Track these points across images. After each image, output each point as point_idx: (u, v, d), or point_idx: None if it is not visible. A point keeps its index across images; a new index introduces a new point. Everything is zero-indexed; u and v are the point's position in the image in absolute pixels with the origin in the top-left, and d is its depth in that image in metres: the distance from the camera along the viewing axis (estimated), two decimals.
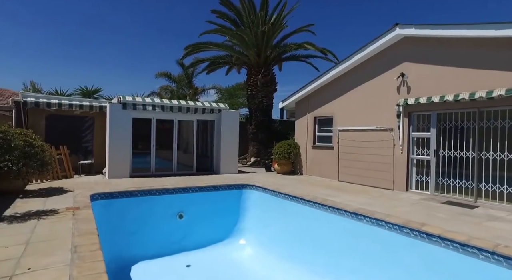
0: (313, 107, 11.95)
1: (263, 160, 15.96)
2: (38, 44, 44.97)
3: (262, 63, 16.04)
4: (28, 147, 7.17)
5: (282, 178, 11.37)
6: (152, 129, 11.10)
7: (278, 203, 8.76)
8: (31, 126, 10.45)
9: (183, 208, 9.02)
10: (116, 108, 10.19)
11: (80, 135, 11.34)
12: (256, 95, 16.19)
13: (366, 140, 9.58)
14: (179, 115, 11.49)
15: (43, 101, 10.34)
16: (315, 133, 12.02)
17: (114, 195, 8.09)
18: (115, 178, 10.08)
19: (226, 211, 9.53)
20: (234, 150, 12.44)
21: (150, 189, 8.60)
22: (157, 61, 51.48)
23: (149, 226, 8.33)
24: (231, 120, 12.32)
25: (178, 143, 11.70)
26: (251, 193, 9.91)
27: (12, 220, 5.16)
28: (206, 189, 9.49)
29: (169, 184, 9.33)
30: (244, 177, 11.23)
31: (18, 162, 6.87)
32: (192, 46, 15.60)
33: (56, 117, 10.90)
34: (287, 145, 12.45)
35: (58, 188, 8.26)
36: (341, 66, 10.18)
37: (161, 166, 11.50)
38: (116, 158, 10.18)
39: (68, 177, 10.04)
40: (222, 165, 12.08)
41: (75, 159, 10.83)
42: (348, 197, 7.68)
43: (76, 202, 6.59)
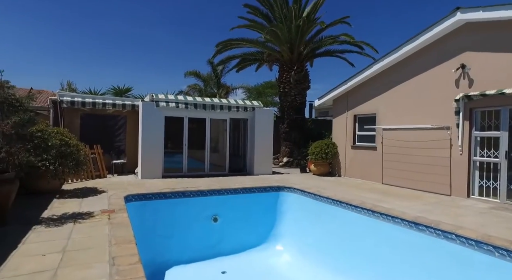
0: (353, 105, 11.18)
1: (296, 160, 15.32)
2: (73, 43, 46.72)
3: (295, 59, 15.40)
4: (64, 146, 7.00)
5: (320, 179, 10.70)
6: (184, 128, 10.79)
7: (320, 207, 8.15)
8: (67, 125, 10.45)
9: (217, 210, 8.66)
10: (149, 106, 9.95)
11: (113, 134, 11.26)
12: (289, 93, 15.57)
13: (417, 140, 8.71)
14: (211, 114, 11.12)
15: (78, 100, 10.30)
16: (355, 132, 11.24)
17: (148, 197, 7.82)
18: (148, 178, 9.85)
19: (262, 215, 9.09)
20: (268, 150, 11.91)
21: (184, 190, 8.26)
22: (185, 61, 52.05)
23: (183, 229, 8.04)
24: (265, 119, 11.80)
25: (211, 142, 11.33)
26: (288, 196, 9.38)
27: (49, 223, 4.92)
28: (242, 191, 9.06)
29: (203, 185, 8.97)
30: (279, 179, 10.69)
31: (55, 162, 6.70)
32: (223, 43, 15.23)
33: (90, 116, 10.86)
34: (324, 145, 11.76)
35: (92, 188, 8.09)
36: (386, 59, 9.35)
37: (193, 166, 11.18)
38: (149, 158, 9.95)
39: (101, 177, 9.93)
40: (256, 166, 11.59)
41: (108, 159, 10.73)
42: (400, 203, 6.92)
43: (111, 204, 6.32)
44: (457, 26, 7.62)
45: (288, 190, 9.40)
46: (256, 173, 11.53)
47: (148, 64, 50.42)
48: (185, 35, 49.14)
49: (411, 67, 8.95)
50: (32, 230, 4.57)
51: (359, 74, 10.54)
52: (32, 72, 44.18)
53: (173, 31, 49.37)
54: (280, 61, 15.94)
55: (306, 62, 16.03)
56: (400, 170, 9.19)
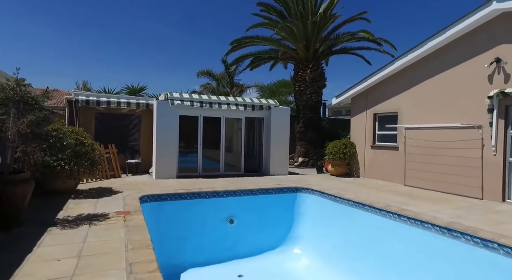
0: (373, 103, 10.76)
1: (311, 161, 14.97)
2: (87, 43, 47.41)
3: (310, 57, 15.03)
4: (79, 145, 6.87)
5: (339, 180, 10.34)
6: (199, 127, 10.59)
7: (340, 209, 7.81)
8: (82, 124, 10.38)
9: (233, 212, 8.43)
10: (163, 105, 9.79)
11: (127, 133, 11.16)
12: (304, 91, 15.22)
13: (444, 140, 8.26)
14: (226, 112, 10.88)
15: (93, 99, 10.22)
16: (374, 132, 10.82)
17: (163, 198, 7.64)
18: (162, 178, 9.68)
19: (279, 217, 8.83)
20: (284, 149, 11.60)
21: (199, 191, 8.06)
22: (198, 61, 52.24)
23: (199, 231, 7.85)
24: (282, 118, 11.49)
25: (225, 142, 11.10)
26: (306, 197, 9.07)
27: (64, 225, 4.76)
28: (258, 192, 8.81)
29: (218, 186, 8.74)
30: (296, 179, 10.38)
31: (70, 161, 6.58)
32: (237, 40, 14.98)
33: (104, 115, 10.78)
34: (342, 145, 11.37)
35: (107, 188, 7.96)
36: (410, 54, 8.90)
37: (208, 166, 10.97)
38: (163, 158, 9.78)
39: (116, 177, 9.82)
40: (272, 166, 11.30)
41: (122, 158, 10.63)
42: (429, 207, 6.52)
43: (126, 205, 6.14)
44: (492, 17, 7.11)
45: (306, 191, 9.10)
46: (272, 174, 11.25)
47: (161, 65, 50.79)
48: (197, 35, 49.28)
49: (437, 63, 8.49)
50: (48, 232, 4.41)
51: (380, 71, 10.12)
52: (47, 72, 45.06)
53: (186, 31, 49.57)
54: (295, 59, 15.60)
55: (322, 59, 15.63)
56: (425, 171, 8.75)
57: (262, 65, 18.04)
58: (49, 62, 47.65)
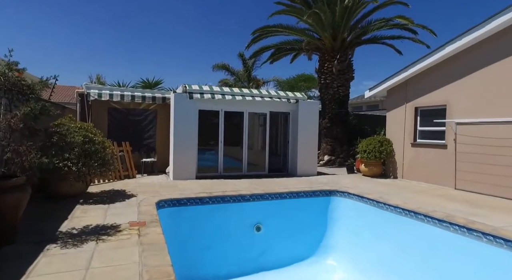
0: (414, 95, 9.54)
1: (338, 159, 13.86)
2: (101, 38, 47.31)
3: (337, 47, 13.84)
4: (88, 143, 6.03)
5: (375, 182, 9.21)
6: (220, 123, 9.64)
7: (385, 217, 6.77)
8: (94, 120, 9.62)
9: (260, 218, 7.53)
10: (182, 99, 8.87)
11: (142, 130, 10.32)
12: (331, 84, 14.06)
13: (508, 137, 7.02)
14: (250, 106, 9.89)
15: (106, 92, 9.41)
16: (416, 128, 9.60)
17: (182, 202, 6.77)
18: (180, 179, 8.80)
19: (310, 223, 7.92)
20: (312, 147, 10.54)
21: (223, 195, 7.15)
22: (214, 57, 51.49)
23: (222, 239, 7.01)
24: (310, 112, 10.42)
25: (248, 139, 10.13)
26: (342, 201, 8.06)
27: (67, 241, 3.89)
28: (288, 196, 7.85)
29: (243, 188, 7.80)
30: (327, 181, 9.32)
31: (77, 162, 5.74)
32: (260, 29, 13.91)
33: (118, 110, 9.98)
34: (378, 142, 10.21)
35: (120, 191, 7.12)
36: (465, 38, 7.64)
37: (229, 166, 10.04)
38: (181, 157, 8.89)
39: (130, 177, 9.00)
40: (299, 165, 10.26)
41: (137, 157, 9.81)
42: (504, 219, 5.36)
43: (140, 213, 5.25)
44: None
45: (341, 195, 8.09)
46: (299, 174, 10.22)
47: (175, 61, 50.27)
48: (214, 31, 48.43)
49: (499, 47, 7.23)
50: (44, 252, 3.53)
51: (424, 59, 8.88)
52: (61, 68, 45.18)
53: (201, 26, 48.80)
54: (320, 50, 14.44)
55: (350, 50, 14.40)
56: (482, 173, 7.53)
57: (283, 57, 16.94)
58: (63, 58, 47.88)
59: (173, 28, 48.62)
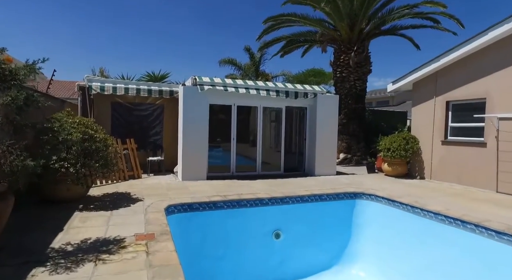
0: (445, 88, 8.68)
1: (355, 157, 13.04)
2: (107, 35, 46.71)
3: (355, 38, 12.96)
4: (88, 141, 5.28)
5: (402, 184, 8.40)
6: (232, 118, 8.86)
7: (422, 225, 6.04)
8: (96, 115, 8.90)
9: (280, 224, 6.82)
10: (191, 92, 8.09)
11: (148, 126, 9.57)
12: (347, 78, 13.20)
13: None
14: (264, 101, 9.10)
15: (109, 85, 8.67)
16: (447, 124, 8.74)
17: (194, 207, 6.04)
18: (190, 179, 8.05)
19: (334, 229, 7.18)
20: (331, 145, 9.74)
21: (239, 199, 6.40)
22: (220, 52, 50.68)
23: (238, 248, 6.32)
24: (329, 107, 9.60)
25: (263, 136, 9.34)
26: (368, 205, 7.31)
27: (59, 262, 3.16)
28: (310, 199, 7.08)
29: (260, 191, 7.05)
30: (348, 182, 8.52)
31: (76, 162, 5.00)
32: (273, 18, 13.01)
33: (122, 105, 9.23)
34: (402, 140, 9.37)
35: (125, 194, 6.39)
36: None
37: (242, 165, 9.27)
38: (191, 155, 8.12)
39: (135, 177, 8.27)
40: (317, 165, 9.46)
41: (143, 155, 9.07)
42: None
43: (148, 222, 4.51)
44: None
45: (367, 198, 7.34)
46: (318, 174, 9.43)
47: (180, 56, 49.53)
48: (218, 26, 47.57)
49: None
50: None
51: (459, 48, 8.00)
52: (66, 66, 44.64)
53: (206, 22, 47.97)
54: (336, 41, 13.56)
55: (367, 41, 13.51)
56: None
57: (295, 50, 16.07)
58: (64, 56, 47.34)
59: (177, 23, 47.86)
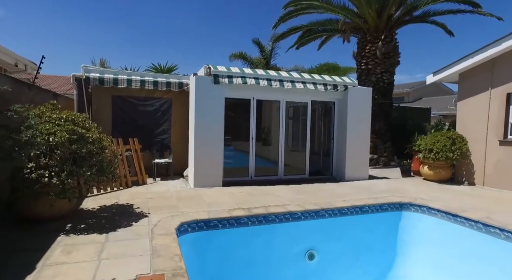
0: (506, 78, 7.35)
1: (382, 158, 11.74)
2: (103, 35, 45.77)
3: (382, 25, 11.62)
4: (78, 142, 4.09)
5: (452, 191, 7.13)
6: (251, 114, 7.64)
7: (503, 249, 4.73)
8: (95, 111, 7.75)
9: (314, 242, 5.68)
10: (205, 83, 6.88)
11: (154, 124, 8.37)
12: (373, 70, 11.88)
13: None
14: (288, 94, 7.86)
15: (109, 77, 7.49)
16: (507, 120, 7.42)
17: (212, 224, 4.85)
18: (204, 186, 6.86)
19: (376, 247, 5.99)
20: (364, 145, 8.51)
21: (266, 213, 5.19)
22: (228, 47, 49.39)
23: (265, 272, 5.17)
24: (362, 102, 8.36)
25: (285, 135, 8.11)
26: (419, 219, 6.16)
27: None
28: (350, 211, 5.87)
29: (288, 201, 5.87)
30: (387, 188, 7.27)
31: (60, 170, 3.82)
32: (293, 3, 11.71)
33: (124, 99, 8.04)
34: (447, 139, 8.07)
35: (126, 206, 5.21)
36: None
37: (261, 167, 8.06)
38: (204, 158, 6.92)
39: (140, 183, 7.08)
40: (348, 168, 8.21)
41: (148, 157, 7.89)
42: None
43: (155, 253, 3.31)
44: None
45: (416, 209, 6.18)
46: (348, 178, 8.18)
47: (187, 51, 48.41)
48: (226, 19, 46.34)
49: None
50: None
51: None
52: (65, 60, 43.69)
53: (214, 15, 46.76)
54: (361, 30, 12.21)
55: (396, 29, 12.17)
56: None
57: (312, 42, 14.79)
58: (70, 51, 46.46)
59: (183, 19, 46.71)
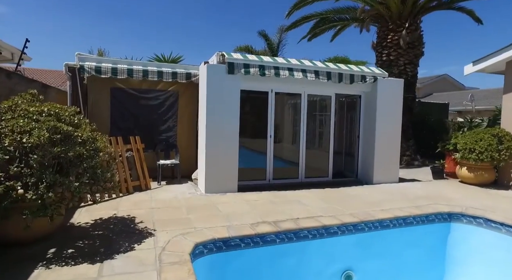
0: None
1: (405, 157, 10.79)
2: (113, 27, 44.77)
3: (406, 12, 10.64)
4: (62, 143, 3.16)
5: (508, 198, 6.15)
6: (269, 109, 6.68)
7: None
8: (91, 105, 6.83)
9: (351, 261, 4.73)
10: (217, 72, 5.92)
11: (158, 119, 7.41)
12: (396, 62, 10.90)
13: None
14: (309, 86, 6.89)
15: (107, 66, 6.54)
16: None
17: (233, 243, 3.91)
18: (217, 192, 5.92)
19: (422, 266, 5.05)
20: (395, 144, 7.51)
21: (297, 228, 4.26)
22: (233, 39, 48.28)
23: None
24: (392, 95, 7.37)
25: (307, 132, 7.16)
26: (472, 232, 5.37)
27: None
28: (392, 223, 4.95)
29: (318, 210, 4.96)
30: (424, 194, 6.33)
31: (38, 181, 2.90)
32: None
33: (124, 92, 7.09)
34: (492, 137, 7.10)
35: (126, 220, 4.27)
36: None
37: (279, 168, 7.11)
38: (217, 159, 5.97)
39: (142, 189, 6.15)
40: (376, 170, 7.25)
41: (152, 158, 6.97)
42: None
43: None
44: None
45: (469, 221, 5.26)
46: (376, 181, 7.24)
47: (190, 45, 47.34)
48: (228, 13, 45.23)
49: None
50: None
51: None
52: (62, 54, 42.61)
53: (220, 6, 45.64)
54: (382, 18, 11.21)
55: (420, 16, 11.17)
56: None
57: (326, 32, 13.82)
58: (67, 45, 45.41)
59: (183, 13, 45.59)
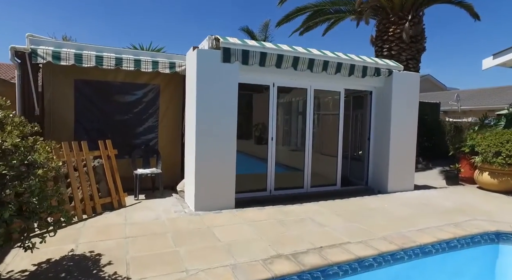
0: None
1: None
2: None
3: (409, 4, 9.89)
4: None
5: None
6: (270, 106, 5.57)
7: None
8: (49, 101, 5.49)
9: None
10: (211, 59, 4.74)
11: (135, 120, 6.13)
12: (398, 57, 10.06)
13: None
14: (316, 81, 5.84)
15: (69, 52, 5.19)
16: None
17: None
18: (209, 210, 4.74)
19: None
20: (410, 148, 6.58)
21: (325, 264, 3.20)
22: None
23: None
24: (409, 91, 6.46)
25: (313, 135, 6.10)
26: None
27: None
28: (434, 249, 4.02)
29: (340, 232, 3.89)
30: (453, 206, 5.44)
31: None
32: None
33: (92, 85, 5.78)
34: None
35: (87, 261, 3.01)
36: None
37: (281, 177, 6.01)
38: (210, 169, 4.78)
39: (115, 207, 4.86)
40: (391, 177, 6.29)
41: (127, 166, 5.69)
42: None
43: None
44: None
45: None
46: (391, 190, 6.29)
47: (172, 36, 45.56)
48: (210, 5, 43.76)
49: None
50: None
51: None
52: None
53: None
54: (383, 10, 10.41)
55: (424, 8, 10.45)
56: None
57: (320, 25, 12.89)
58: None
59: None
